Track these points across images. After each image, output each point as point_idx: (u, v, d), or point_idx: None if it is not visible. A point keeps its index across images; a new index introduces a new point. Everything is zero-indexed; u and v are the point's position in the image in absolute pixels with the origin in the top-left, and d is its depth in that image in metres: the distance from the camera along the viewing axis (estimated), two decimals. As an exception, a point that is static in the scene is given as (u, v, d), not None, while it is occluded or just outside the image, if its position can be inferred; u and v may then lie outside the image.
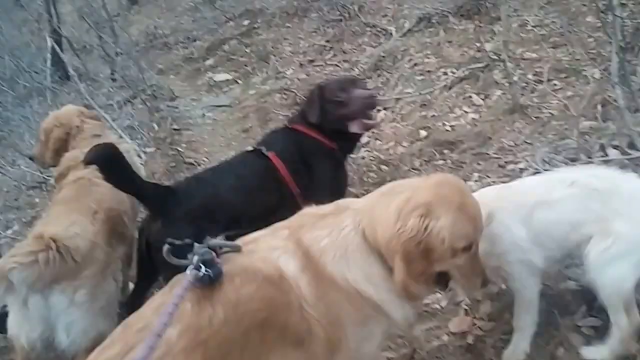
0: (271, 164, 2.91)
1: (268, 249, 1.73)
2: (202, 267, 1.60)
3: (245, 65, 7.25)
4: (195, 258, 1.63)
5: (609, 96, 3.69)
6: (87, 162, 2.43)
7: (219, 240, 1.78)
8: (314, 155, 2.99)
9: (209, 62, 7.96)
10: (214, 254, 1.67)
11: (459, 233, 1.68)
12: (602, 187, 2.07)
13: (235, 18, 8.84)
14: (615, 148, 3.28)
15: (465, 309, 2.69)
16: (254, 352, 1.60)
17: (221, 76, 7.22)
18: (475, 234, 1.76)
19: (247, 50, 7.65)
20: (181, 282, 1.59)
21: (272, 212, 2.93)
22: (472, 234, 1.74)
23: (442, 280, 1.85)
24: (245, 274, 1.65)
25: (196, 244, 1.70)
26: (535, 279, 2.27)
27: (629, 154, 3.17)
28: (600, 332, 2.38)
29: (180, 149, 5.37)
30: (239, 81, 6.83)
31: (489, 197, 2.14)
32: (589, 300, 2.52)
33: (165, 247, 1.75)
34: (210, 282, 1.60)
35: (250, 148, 3.04)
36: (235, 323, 1.57)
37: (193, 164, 4.98)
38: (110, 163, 2.43)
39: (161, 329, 1.42)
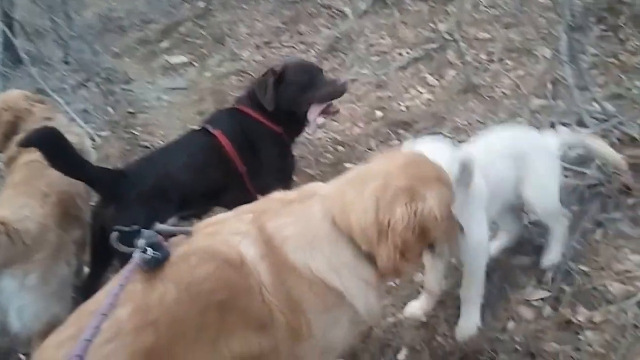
0: (217, 142, 2.89)
1: (231, 232, 1.69)
2: (149, 249, 1.57)
3: (201, 48, 7.06)
4: (142, 242, 1.60)
5: (559, 75, 3.77)
6: (23, 144, 2.34)
7: (167, 226, 1.74)
8: (258, 138, 2.98)
9: (165, 44, 7.71)
10: (160, 236, 1.64)
11: (445, 204, 1.70)
12: (526, 144, 2.49)
13: (191, 0, 8.61)
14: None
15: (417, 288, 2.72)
16: (211, 333, 1.57)
17: (177, 58, 7.01)
18: (452, 195, 1.78)
19: (202, 32, 7.45)
20: (129, 265, 1.58)
21: (221, 190, 2.97)
22: (451, 198, 1.76)
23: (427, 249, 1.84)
24: (203, 254, 1.63)
25: (144, 229, 1.66)
26: (487, 241, 2.36)
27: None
28: (547, 302, 2.46)
29: (135, 132, 5.23)
30: (194, 63, 6.64)
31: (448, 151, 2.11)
32: (537, 275, 2.60)
33: (114, 234, 1.71)
34: (157, 264, 1.58)
35: (196, 127, 2.98)
36: (189, 302, 1.54)
37: (148, 147, 4.84)
38: (51, 147, 2.33)
39: (107, 309, 1.40)
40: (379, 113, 4.42)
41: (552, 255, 2.58)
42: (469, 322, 2.38)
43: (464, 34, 4.88)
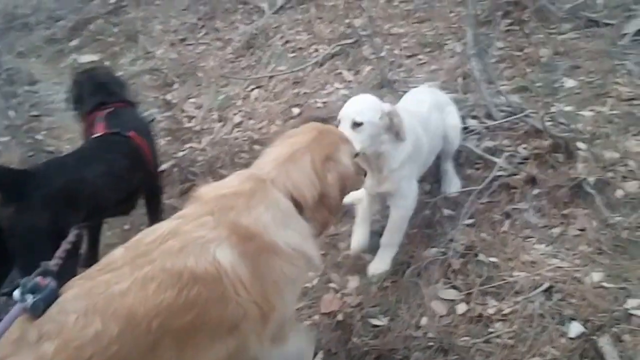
0: (134, 144, 2.80)
1: (198, 242, 1.60)
2: (29, 296, 1.42)
3: (113, 46, 6.73)
4: (17, 293, 1.44)
5: (469, 69, 3.82)
6: None
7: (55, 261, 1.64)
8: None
9: (74, 43, 7.30)
10: (39, 278, 1.48)
11: (352, 159, 2.04)
12: (442, 98, 3.12)
13: (102, -4, 8.19)
14: (474, 118, 3.40)
15: (334, 288, 2.67)
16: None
17: (86, 57, 6.64)
18: (353, 148, 2.11)
19: (114, 30, 7.11)
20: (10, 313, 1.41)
21: (136, 194, 2.84)
22: (353, 150, 2.10)
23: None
24: (165, 278, 1.50)
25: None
26: (415, 195, 2.69)
27: (486, 123, 3.30)
28: (459, 295, 2.47)
29: (39, 137, 4.90)
30: (105, 63, 6.31)
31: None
32: (449, 269, 2.60)
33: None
34: (44, 305, 1.42)
35: (105, 131, 2.78)
36: (136, 338, 1.43)
37: (53, 152, 4.54)
38: None
39: None
40: (296, 110, 4.34)
41: (455, 184, 2.99)
42: (381, 264, 2.68)
43: (379, 30, 4.87)
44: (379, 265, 2.68)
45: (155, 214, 3.05)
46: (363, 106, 2.44)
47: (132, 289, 1.46)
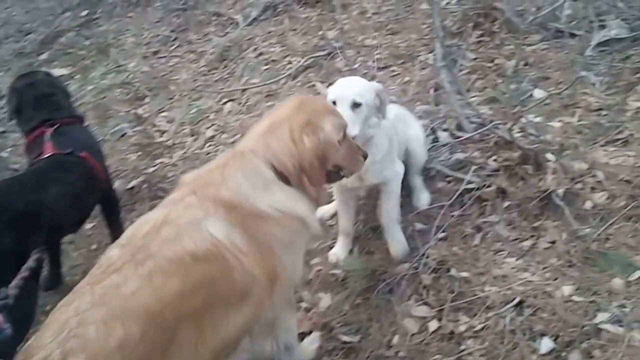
0: (88, 165, 2.75)
1: (190, 224, 1.65)
2: None
3: (84, 59, 6.61)
4: None
5: (440, 81, 3.82)
6: None
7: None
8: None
9: (44, 56, 7.15)
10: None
11: (338, 129, 1.98)
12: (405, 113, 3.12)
13: (73, 8, 8.06)
14: (445, 131, 3.39)
15: (306, 307, 2.62)
16: (188, 346, 1.55)
17: (56, 71, 6.47)
18: (343, 123, 2.05)
19: (86, 43, 7.00)
20: None
21: (91, 211, 2.78)
22: (343, 125, 2.04)
23: (333, 175, 2.08)
24: (167, 267, 1.54)
25: None
26: (402, 172, 2.73)
27: (457, 136, 3.30)
28: (431, 312, 2.44)
29: (3, 155, 4.77)
30: (76, 76, 6.21)
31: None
32: (420, 285, 2.57)
33: None
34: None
35: (59, 151, 2.69)
36: (157, 332, 1.46)
37: (18, 170, 4.41)
38: None
39: None
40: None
41: (425, 198, 2.99)
42: (400, 243, 2.72)
43: (352, 41, 4.87)
44: (398, 246, 2.71)
45: (118, 231, 2.98)
46: (361, 87, 2.42)
47: (141, 286, 1.48)
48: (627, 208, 2.54)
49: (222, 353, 1.69)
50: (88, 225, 3.32)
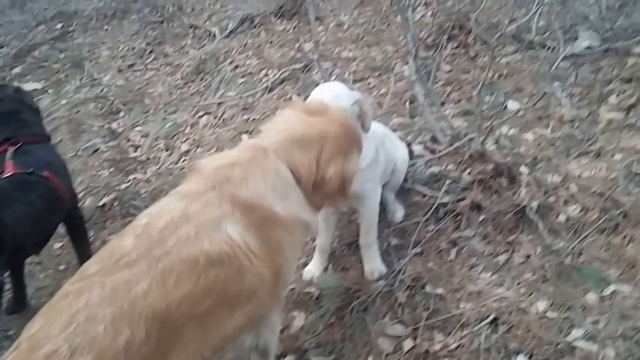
0: (51, 184, 2.66)
1: (210, 223, 1.63)
2: None
3: (58, 73, 6.50)
4: None
5: (415, 93, 3.82)
6: None
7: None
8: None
9: (17, 70, 7.02)
10: None
11: (358, 162, 2.06)
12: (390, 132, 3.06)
13: (47, 21, 7.95)
14: (420, 144, 3.38)
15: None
16: (193, 341, 1.57)
17: (29, 86, 6.37)
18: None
19: (60, 56, 6.90)
20: None
21: (53, 231, 2.71)
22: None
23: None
24: (181, 268, 1.52)
25: None
26: (379, 194, 2.70)
27: (432, 149, 3.29)
28: (406, 331, 2.40)
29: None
30: (49, 90, 6.10)
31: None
32: (395, 302, 2.53)
33: None
34: None
35: (19, 171, 2.61)
36: (162, 333, 1.46)
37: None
38: None
39: None
40: (245, 137, 4.24)
41: (400, 212, 2.97)
42: (377, 263, 2.69)
43: (329, 54, 4.86)
44: (375, 265, 2.69)
45: (84, 251, 2.90)
46: (339, 91, 2.38)
47: (152, 287, 1.46)
48: (600, 221, 2.53)
49: (221, 348, 1.74)
50: (56, 245, 3.24)
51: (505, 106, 3.55)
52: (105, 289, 1.43)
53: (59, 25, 7.67)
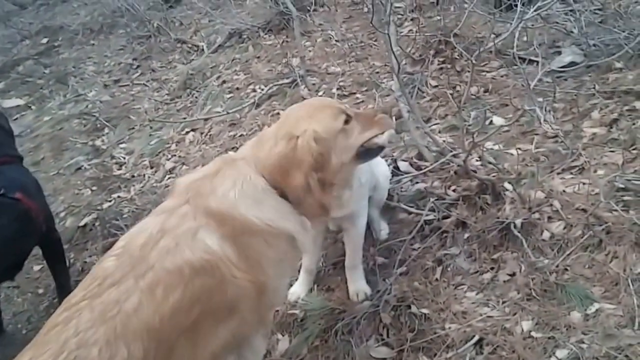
0: (23, 206, 2.60)
1: (186, 235, 1.62)
2: None
3: (42, 88, 6.50)
4: None
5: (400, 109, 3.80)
6: None
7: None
8: None
9: (0, 86, 7.02)
10: None
11: (327, 129, 1.88)
12: None
13: (32, 36, 7.95)
14: (404, 161, 3.36)
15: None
16: (185, 356, 1.56)
17: (12, 102, 6.37)
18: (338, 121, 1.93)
19: (45, 72, 6.88)
20: None
21: (27, 255, 2.66)
22: (336, 124, 1.92)
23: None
24: (167, 280, 1.53)
25: None
26: (365, 216, 2.67)
27: (417, 165, 3.27)
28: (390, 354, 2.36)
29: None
30: (32, 106, 6.06)
31: None
32: (380, 323, 2.50)
33: None
34: None
35: None
36: (157, 347, 1.46)
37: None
38: None
39: None
40: (231, 154, 4.21)
41: (384, 229, 2.97)
42: (361, 284, 2.66)
43: (317, 69, 4.85)
44: (360, 286, 2.66)
45: (62, 275, 2.84)
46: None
47: (142, 301, 1.46)
48: (584, 238, 2.51)
49: None
50: (35, 268, 3.19)
51: (491, 121, 3.54)
52: (94, 311, 1.42)
53: (44, 40, 7.66)
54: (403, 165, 3.33)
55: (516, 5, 2.88)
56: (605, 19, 3.92)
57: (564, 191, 2.81)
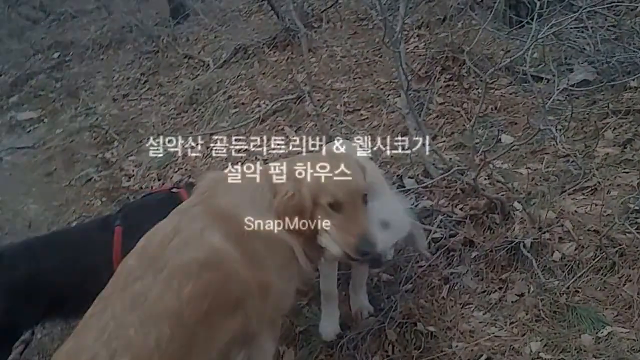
0: (110, 240, 2.42)
1: (195, 233, 1.75)
2: None
3: (54, 102, 6.57)
4: None
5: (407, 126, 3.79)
6: None
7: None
8: None
9: (13, 99, 7.12)
10: None
11: (317, 191, 1.86)
12: None
13: (45, 50, 8.05)
14: (411, 178, 3.33)
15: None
16: (202, 344, 1.66)
17: (25, 114, 6.45)
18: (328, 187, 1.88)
19: (57, 85, 6.95)
20: None
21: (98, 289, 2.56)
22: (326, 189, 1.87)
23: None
24: (180, 274, 1.66)
25: None
26: None
27: (423, 182, 3.23)
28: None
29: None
30: (44, 119, 6.12)
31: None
32: (386, 340, 2.46)
33: None
34: None
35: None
36: (181, 331, 1.60)
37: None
38: None
39: None
40: (237, 167, 4.20)
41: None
42: (364, 304, 2.60)
43: (321, 85, 4.85)
44: (363, 305, 2.61)
45: None
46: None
47: (163, 291, 1.62)
48: (595, 259, 2.47)
49: None
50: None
51: (499, 139, 3.51)
52: (125, 301, 1.60)
53: (56, 55, 7.76)
54: (409, 182, 3.29)
55: (528, 22, 2.85)
56: (620, 36, 3.88)
57: (575, 211, 2.76)
